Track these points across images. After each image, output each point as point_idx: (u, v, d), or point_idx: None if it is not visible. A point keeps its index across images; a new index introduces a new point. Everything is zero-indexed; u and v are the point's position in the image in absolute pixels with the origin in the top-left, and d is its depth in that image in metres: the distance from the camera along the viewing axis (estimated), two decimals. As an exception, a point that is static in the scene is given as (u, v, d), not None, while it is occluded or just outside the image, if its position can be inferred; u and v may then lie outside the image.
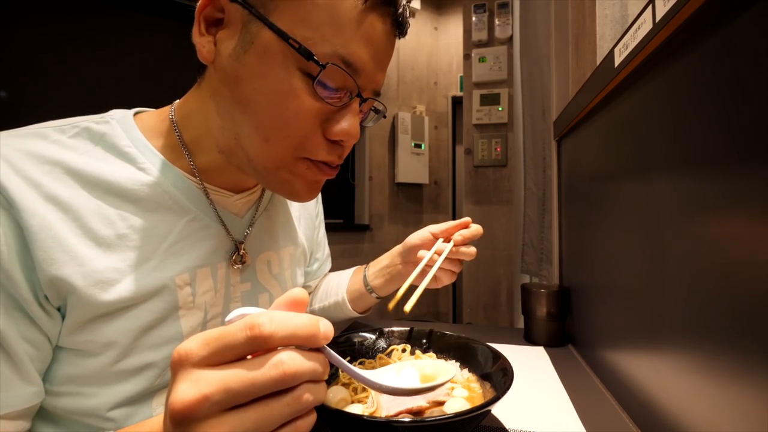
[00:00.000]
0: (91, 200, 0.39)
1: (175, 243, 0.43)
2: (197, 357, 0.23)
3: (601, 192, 0.59)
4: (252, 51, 0.37)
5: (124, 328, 0.39)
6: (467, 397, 0.43)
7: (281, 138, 0.39)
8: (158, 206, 0.42)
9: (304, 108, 0.38)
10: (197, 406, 0.22)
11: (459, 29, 2.40)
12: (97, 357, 0.38)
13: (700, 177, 0.32)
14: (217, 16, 0.39)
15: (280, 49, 0.36)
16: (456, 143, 3.24)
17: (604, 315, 0.57)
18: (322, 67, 0.36)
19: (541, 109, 1.16)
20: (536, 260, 1.21)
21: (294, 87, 0.37)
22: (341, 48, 0.37)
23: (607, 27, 0.67)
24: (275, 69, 0.37)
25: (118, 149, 0.42)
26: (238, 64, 0.38)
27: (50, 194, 0.37)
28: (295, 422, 0.25)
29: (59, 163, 0.38)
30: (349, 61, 0.38)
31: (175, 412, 0.22)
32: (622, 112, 0.51)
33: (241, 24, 0.38)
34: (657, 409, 0.39)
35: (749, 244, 0.26)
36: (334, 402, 0.41)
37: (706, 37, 0.31)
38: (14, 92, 1.64)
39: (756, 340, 0.25)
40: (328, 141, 0.41)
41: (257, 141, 0.40)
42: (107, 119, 0.43)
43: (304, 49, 0.36)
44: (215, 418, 0.22)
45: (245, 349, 0.23)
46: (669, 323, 0.37)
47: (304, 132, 0.40)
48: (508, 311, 1.96)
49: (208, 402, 0.22)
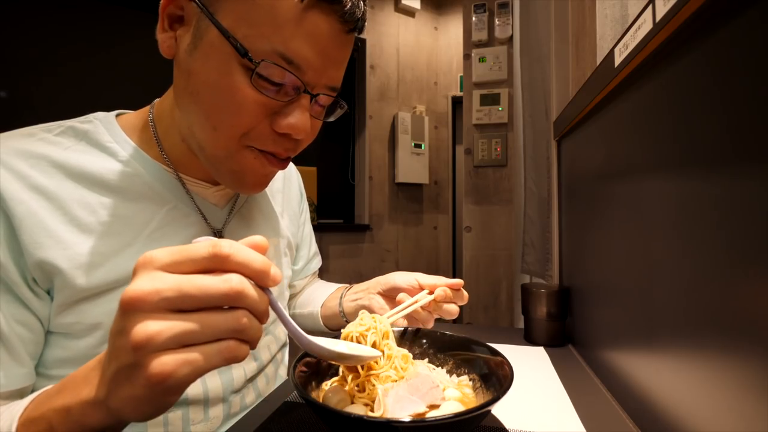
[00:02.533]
0: (75, 190, 0.42)
1: (156, 230, 0.46)
2: (160, 262, 0.25)
3: (602, 192, 0.59)
4: (201, 46, 0.40)
5: (109, 310, 0.41)
6: (459, 398, 0.43)
7: (228, 126, 0.42)
8: (139, 196, 0.46)
9: (246, 100, 0.40)
10: (147, 297, 0.24)
11: (459, 29, 2.40)
12: (84, 339, 0.41)
13: (700, 177, 0.32)
14: (178, 14, 0.42)
15: (222, 46, 0.39)
16: (456, 143, 3.24)
17: (604, 315, 0.57)
18: (255, 63, 0.39)
19: (542, 109, 1.16)
20: (537, 260, 1.21)
21: (235, 80, 0.40)
22: (280, 45, 0.39)
23: (607, 27, 0.67)
24: (219, 63, 0.40)
25: (101, 144, 0.45)
26: (191, 58, 0.41)
27: (35, 184, 0.40)
28: (228, 341, 0.26)
29: (44, 156, 0.42)
30: (290, 58, 0.39)
31: (125, 300, 0.24)
32: (622, 112, 0.51)
33: (195, 20, 0.41)
34: (657, 409, 0.39)
35: (749, 244, 0.26)
36: (333, 402, 0.41)
37: (706, 37, 0.31)
38: (14, 92, 1.64)
39: (756, 340, 0.25)
40: (276, 133, 0.43)
41: (207, 129, 0.43)
42: (90, 119, 0.47)
43: (240, 46, 0.38)
44: (160, 313, 0.24)
45: (204, 263, 0.26)
46: (669, 323, 0.37)
47: (248, 122, 0.42)
48: (508, 311, 1.96)
49: (158, 296, 0.24)
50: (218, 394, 0.50)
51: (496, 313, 1.99)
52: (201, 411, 0.49)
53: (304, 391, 0.38)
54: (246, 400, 0.55)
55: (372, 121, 2.83)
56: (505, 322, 1.94)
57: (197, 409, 0.49)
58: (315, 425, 0.44)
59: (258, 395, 0.57)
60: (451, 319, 0.56)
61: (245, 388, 0.55)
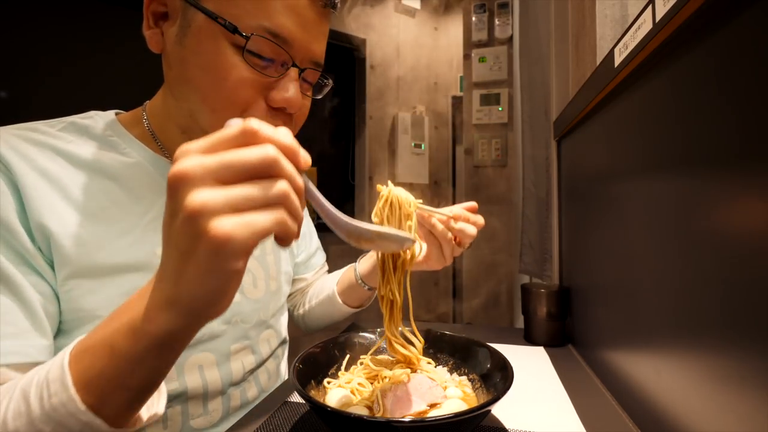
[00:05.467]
0: (76, 176, 0.44)
1: (155, 219, 0.47)
2: (197, 147, 0.26)
3: (602, 192, 0.59)
4: (189, 33, 0.42)
5: (111, 295, 0.42)
6: (460, 397, 0.43)
7: (225, 107, 0.43)
8: (139, 185, 0.47)
9: (240, 77, 0.42)
10: (193, 170, 0.24)
11: (459, 29, 2.40)
12: (87, 326, 0.40)
13: (700, 176, 0.32)
14: (162, 10, 0.44)
15: (211, 28, 0.41)
16: (456, 143, 3.23)
17: (604, 315, 0.57)
18: (246, 38, 0.41)
19: (541, 109, 1.16)
20: (534, 260, 1.21)
21: (228, 59, 0.42)
22: (265, 20, 0.42)
23: (607, 27, 0.67)
24: (210, 46, 0.42)
25: (102, 138, 0.48)
26: (180, 47, 0.43)
27: (41, 166, 0.42)
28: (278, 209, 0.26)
29: (48, 145, 0.44)
30: (275, 32, 0.42)
31: (172, 178, 0.24)
32: (622, 112, 0.51)
33: (180, 12, 0.43)
34: (657, 409, 0.39)
35: (749, 244, 0.26)
36: (336, 405, 0.41)
37: (706, 37, 0.31)
38: (14, 92, 1.64)
39: (756, 340, 0.25)
40: (272, 109, 0.45)
41: (206, 113, 0.44)
42: (91, 115, 0.49)
43: (229, 24, 0.41)
44: (207, 186, 0.24)
45: (237, 141, 0.26)
46: (669, 323, 0.37)
47: (245, 99, 0.43)
48: (508, 311, 1.96)
49: (203, 169, 0.24)
50: (217, 387, 0.50)
51: (496, 313, 1.99)
52: (200, 405, 0.49)
53: (304, 390, 0.38)
54: (248, 394, 0.55)
55: (372, 121, 2.83)
56: (505, 322, 1.94)
57: (196, 403, 0.49)
58: (315, 425, 0.44)
59: (260, 390, 0.58)
60: (468, 242, 0.55)
61: (245, 382, 0.55)
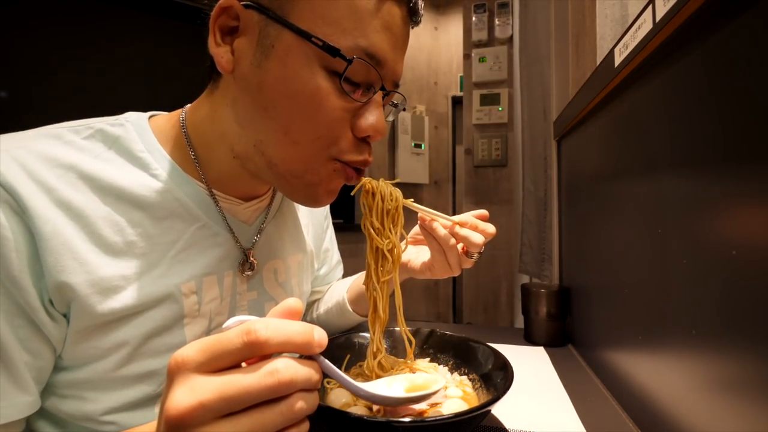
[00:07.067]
0: (102, 206, 0.39)
1: (182, 251, 0.42)
2: (194, 363, 0.23)
3: (602, 192, 0.59)
4: (273, 55, 0.37)
5: (129, 335, 0.39)
6: (461, 397, 0.43)
7: (312, 140, 0.38)
8: (168, 213, 0.42)
9: (333, 107, 0.37)
10: (193, 412, 0.22)
11: (459, 29, 2.40)
12: (100, 362, 0.38)
13: (700, 176, 0.32)
14: (232, 24, 0.38)
15: (302, 50, 0.36)
16: (456, 143, 3.23)
17: (604, 315, 0.57)
18: (348, 62, 0.35)
19: (540, 110, 1.16)
20: (534, 260, 1.21)
21: (320, 86, 0.37)
22: (362, 40, 0.36)
23: (607, 27, 0.67)
24: (299, 70, 0.36)
25: (132, 154, 0.41)
26: (261, 70, 0.37)
27: (62, 199, 0.36)
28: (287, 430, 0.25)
29: (72, 167, 0.38)
30: (371, 53, 0.37)
31: (170, 417, 0.22)
32: (622, 112, 0.51)
33: (258, 29, 0.37)
34: (657, 409, 0.39)
35: (749, 244, 0.26)
36: (336, 406, 0.41)
37: (706, 37, 0.31)
38: (14, 92, 1.64)
39: (756, 340, 0.25)
40: (356, 139, 0.40)
41: (285, 145, 0.39)
42: (122, 122, 0.42)
43: (328, 45, 0.35)
44: (210, 424, 0.23)
45: (241, 354, 0.24)
46: (669, 323, 0.37)
47: (336, 132, 0.39)
48: (508, 311, 1.96)
49: (204, 409, 0.22)
50: None
51: (496, 313, 1.99)
52: None
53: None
54: None
55: (372, 121, 2.83)
56: (505, 322, 1.95)
57: None
58: (315, 425, 0.44)
59: None
60: (474, 251, 0.50)
61: None
